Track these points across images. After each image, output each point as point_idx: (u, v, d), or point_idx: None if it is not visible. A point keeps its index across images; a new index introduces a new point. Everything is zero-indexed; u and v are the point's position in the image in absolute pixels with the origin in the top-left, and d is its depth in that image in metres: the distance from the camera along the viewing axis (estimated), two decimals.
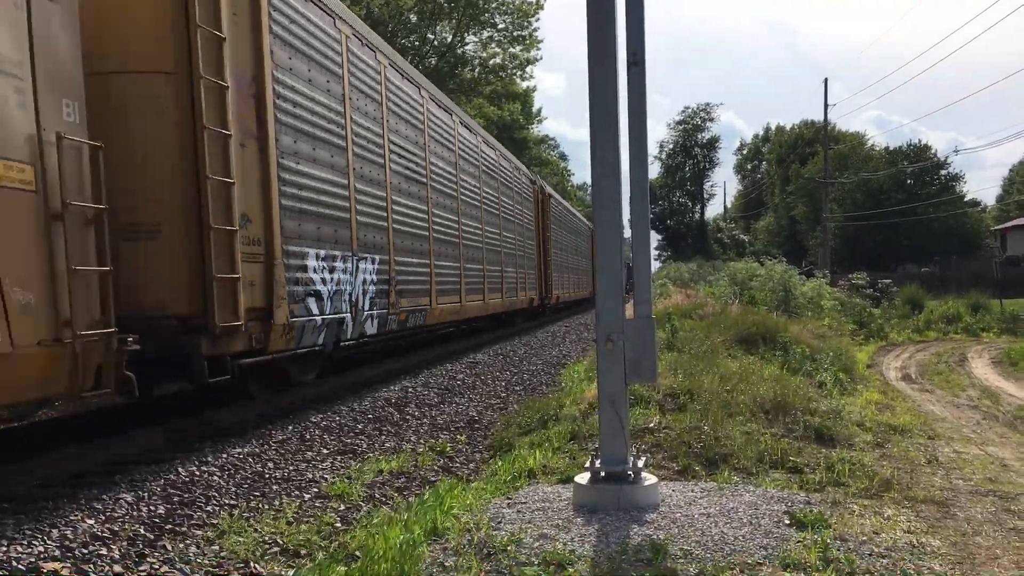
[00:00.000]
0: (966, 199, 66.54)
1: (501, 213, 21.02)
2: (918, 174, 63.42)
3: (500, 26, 46.41)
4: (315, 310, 9.47)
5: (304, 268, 9.28)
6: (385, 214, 12.14)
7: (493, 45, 47.22)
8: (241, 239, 7.87)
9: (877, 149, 70.11)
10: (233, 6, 7.96)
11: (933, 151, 65.52)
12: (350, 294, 10.56)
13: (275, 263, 8.51)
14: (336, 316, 10.05)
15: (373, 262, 11.54)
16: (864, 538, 4.82)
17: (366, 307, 11.11)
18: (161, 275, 7.37)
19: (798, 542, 4.68)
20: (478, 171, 18.86)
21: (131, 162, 7.21)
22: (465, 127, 17.92)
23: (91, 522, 5.31)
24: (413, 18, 42.90)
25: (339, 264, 10.24)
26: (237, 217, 7.82)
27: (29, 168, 5.54)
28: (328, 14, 10.21)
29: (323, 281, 9.73)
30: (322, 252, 9.76)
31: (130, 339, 6.29)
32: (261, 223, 8.39)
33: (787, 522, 5.06)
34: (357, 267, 10.88)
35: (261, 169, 8.42)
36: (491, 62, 47.89)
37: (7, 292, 5.28)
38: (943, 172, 64.23)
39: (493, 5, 45.40)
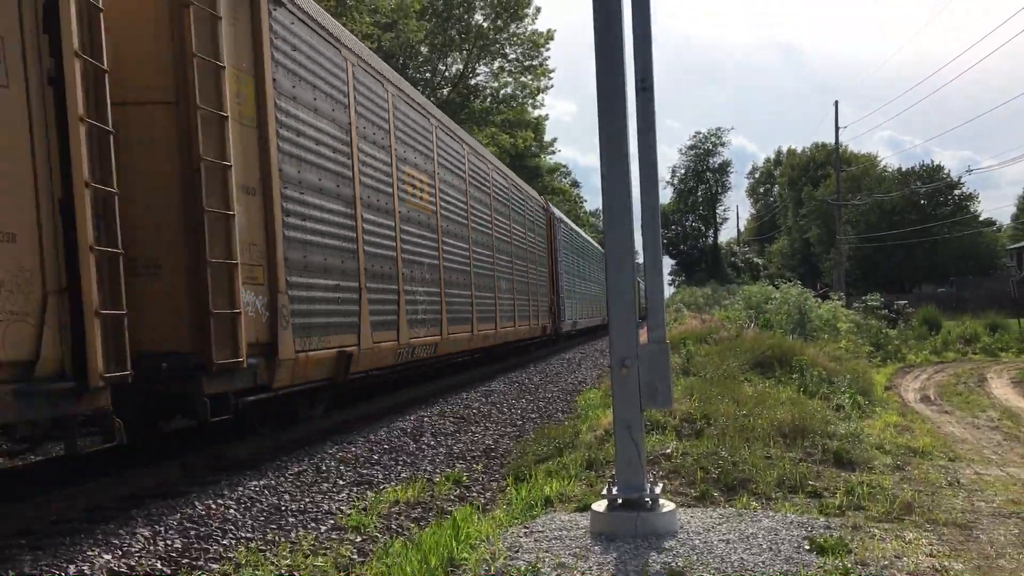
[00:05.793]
0: (981, 219, 66.23)
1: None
2: (931, 194, 63.24)
3: (511, 56, 46.77)
4: None
5: None
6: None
7: (504, 75, 47.56)
8: None
9: (890, 170, 70.04)
10: None
11: (946, 171, 65.39)
12: None
13: None
14: None
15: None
16: (885, 562, 4.76)
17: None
18: None
19: (819, 567, 4.62)
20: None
21: None
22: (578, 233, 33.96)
23: (108, 557, 5.31)
24: (424, 50, 43.29)
25: None
26: None
27: None
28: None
29: None
30: None
31: None
32: None
33: (807, 547, 5.00)
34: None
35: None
36: (502, 92, 48.21)
37: None
38: (957, 192, 64.02)
39: (504, 36, 45.77)
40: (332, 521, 6.37)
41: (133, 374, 6.29)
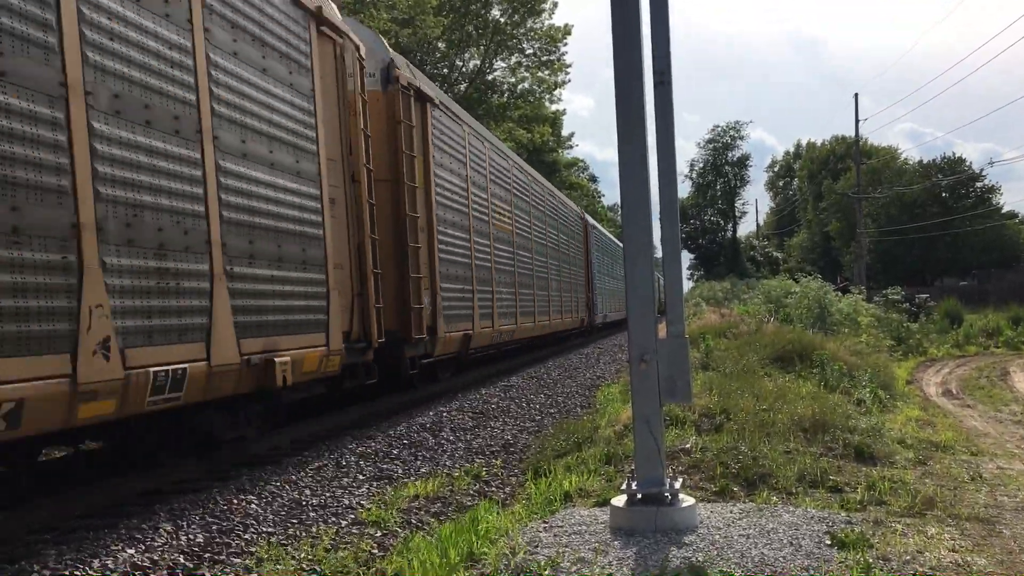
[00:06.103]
0: (1003, 211, 65.51)
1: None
2: (953, 187, 62.58)
3: (528, 51, 46.71)
4: None
5: None
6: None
7: (522, 70, 47.51)
8: None
9: (910, 163, 69.37)
10: None
11: (968, 163, 64.67)
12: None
13: None
14: None
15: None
16: (908, 557, 4.73)
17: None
18: None
19: (840, 562, 4.60)
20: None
21: None
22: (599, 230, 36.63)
23: (131, 551, 5.36)
24: (441, 46, 43.29)
25: None
26: None
27: None
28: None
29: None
30: None
31: None
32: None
33: (828, 542, 4.98)
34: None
35: None
36: (519, 87, 48.16)
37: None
38: (979, 184, 63.35)
39: (521, 32, 45.71)
40: (352, 516, 6.40)
41: (383, 341, 10.65)
